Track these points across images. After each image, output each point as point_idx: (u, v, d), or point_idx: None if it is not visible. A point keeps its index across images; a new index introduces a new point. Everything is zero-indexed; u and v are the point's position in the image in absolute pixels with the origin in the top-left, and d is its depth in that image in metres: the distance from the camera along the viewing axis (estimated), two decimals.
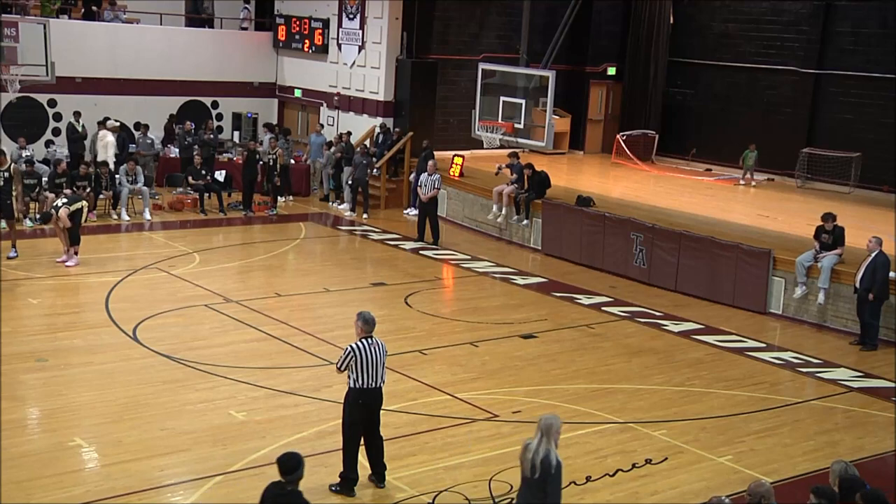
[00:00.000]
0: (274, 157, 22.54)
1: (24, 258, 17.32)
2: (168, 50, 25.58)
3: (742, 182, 23.93)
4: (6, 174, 17.33)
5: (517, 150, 21.98)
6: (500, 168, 21.50)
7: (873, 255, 14.88)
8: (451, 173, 22.95)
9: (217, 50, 26.46)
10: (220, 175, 23.48)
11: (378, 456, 9.71)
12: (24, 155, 21.36)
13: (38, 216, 19.66)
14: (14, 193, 17.54)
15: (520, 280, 18.24)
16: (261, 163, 22.64)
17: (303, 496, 7.16)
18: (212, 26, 27.76)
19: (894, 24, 22.65)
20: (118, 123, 23.51)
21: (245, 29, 27.79)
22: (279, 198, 23.04)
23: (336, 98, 25.82)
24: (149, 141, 23.70)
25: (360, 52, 25.05)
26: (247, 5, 28.05)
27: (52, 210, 17.20)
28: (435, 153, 22.24)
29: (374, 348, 9.39)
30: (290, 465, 7.16)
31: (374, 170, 23.19)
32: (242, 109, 26.62)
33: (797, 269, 16.24)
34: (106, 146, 22.40)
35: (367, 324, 9.48)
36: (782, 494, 9.23)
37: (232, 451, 10.31)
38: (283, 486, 7.14)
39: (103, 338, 13.67)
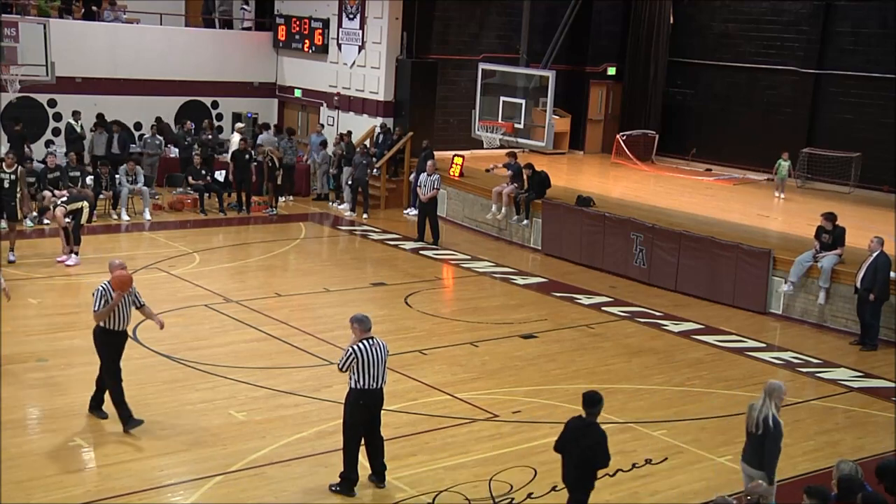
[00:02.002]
0: (269, 157, 22.53)
1: (24, 258, 17.32)
2: (168, 50, 25.57)
3: (779, 194, 22.28)
4: (12, 176, 17.34)
5: (514, 151, 21.98)
6: (492, 167, 21.60)
7: (874, 255, 14.87)
8: (451, 173, 22.94)
9: (217, 50, 26.45)
10: (219, 175, 23.47)
11: (378, 456, 9.71)
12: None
13: (36, 214, 19.69)
14: (18, 195, 17.53)
15: (520, 280, 18.24)
16: (255, 162, 22.62)
17: (600, 427, 8.32)
18: (220, 27, 27.74)
19: (894, 24, 22.66)
20: (244, 125, 24.52)
21: (248, 29, 27.76)
22: (280, 197, 23.03)
23: (336, 98, 25.81)
24: (157, 142, 23.70)
25: (360, 52, 25.05)
26: (245, 6, 28.04)
27: (51, 206, 17.19)
28: (435, 153, 22.24)
29: (376, 349, 9.37)
30: (593, 400, 8.31)
31: (374, 170, 23.19)
32: (242, 109, 26.61)
33: (792, 268, 16.24)
34: (236, 146, 23.04)
35: (361, 323, 9.43)
36: (782, 494, 9.25)
37: (232, 451, 10.31)
38: (584, 419, 8.35)
39: None
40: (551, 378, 13.12)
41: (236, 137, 23.43)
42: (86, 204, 17.40)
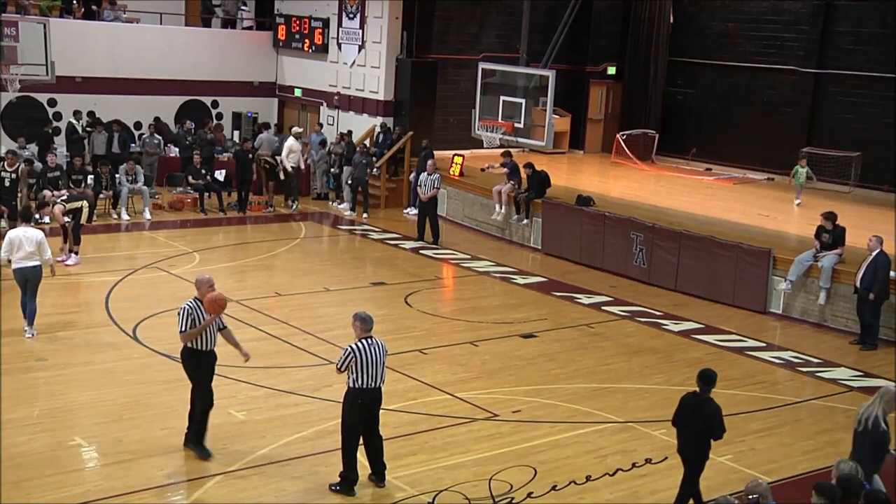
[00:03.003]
0: (264, 160, 22.51)
1: None
2: (168, 50, 25.57)
3: (797, 200, 21.38)
4: (13, 175, 17.34)
5: (509, 150, 21.96)
6: (488, 167, 21.70)
7: (874, 254, 14.87)
8: (451, 173, 22.95)
9: (217, 50, 26.45)
10: (219, 174, 23.45)
11: (378, 455, 9.71)
12: (23, 154, 21.34)
13: (38, 214, 19.68)
14: (19, 195, 17.53)
15: (520, 280, 18.23)
16: (260, 163, 22.59)
17: (714, 401, 8.94)
18: (221, 26, 27.72)
19: (894, 24, 22.65)
20: (301, 129, 24.49)
21: (248, 28, 27.76)
22: (291, 198, 22.97)
23: (336, 98, 25.81)
24: (156, 141, 23.68)
25: (360, 51, 25.04)
26: (243, 7, 28.02)
27: (51, 203, 17.17)
28: (435, 153, 22.23)
29: (375, 348, 9.37)
30: (710, 378, 8.99)
31: (374, 169, 23.18)
32: (242, 109, 26.62)
33: (792, 267, 16.23)
34: (295, 152, 22.96)
35: (364, 322, 9.46)
36: (782, 494, 9.24)
37: (232, 451, 10.31)
38: (699, 395, 9.01)
39: (103, 337, 13.66)
40: (551, 377, 13.12)
41: (290, 141, 23.09)
42: (85, 204, 17.39)
